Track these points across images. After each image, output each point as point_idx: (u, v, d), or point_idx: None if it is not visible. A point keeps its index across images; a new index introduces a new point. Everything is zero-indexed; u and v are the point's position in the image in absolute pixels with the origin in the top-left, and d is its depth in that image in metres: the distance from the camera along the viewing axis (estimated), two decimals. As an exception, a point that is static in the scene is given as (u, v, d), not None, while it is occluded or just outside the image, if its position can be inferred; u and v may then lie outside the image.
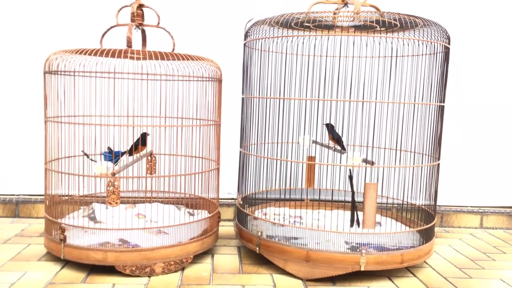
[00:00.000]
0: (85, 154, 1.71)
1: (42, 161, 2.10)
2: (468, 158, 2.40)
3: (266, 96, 1.87)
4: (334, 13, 1.67)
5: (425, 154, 1.80)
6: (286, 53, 1.98)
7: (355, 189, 1.88)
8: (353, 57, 1.81)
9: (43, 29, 2.24)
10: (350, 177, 1.83)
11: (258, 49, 1.84)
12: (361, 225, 1.78)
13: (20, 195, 2.31)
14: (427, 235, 1.75)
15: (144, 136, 1.82)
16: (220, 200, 2.23)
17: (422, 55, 1.79)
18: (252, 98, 1.85)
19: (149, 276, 1.61)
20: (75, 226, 1.69)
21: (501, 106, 2.39)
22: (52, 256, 1.73)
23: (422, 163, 1.81)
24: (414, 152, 1.84)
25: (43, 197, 2.25)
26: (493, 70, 2.36)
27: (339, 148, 1.91)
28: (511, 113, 2.39)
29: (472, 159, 2.40)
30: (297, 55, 1.97)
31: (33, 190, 2.30)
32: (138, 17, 1.75)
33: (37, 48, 2.22)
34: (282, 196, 2.17)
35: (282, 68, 1.96)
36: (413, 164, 1.83)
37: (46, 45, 2.21)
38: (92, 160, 1.72)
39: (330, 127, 1.91)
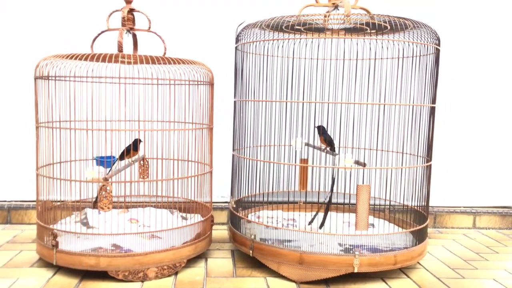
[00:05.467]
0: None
1: (34, 167, 2.09)
2: (461, 158, 2.41)
3: (259, 99, 1.87)
4: (325, 16, 1.67)
5: (417, 155, 1.81)
6: (278, 56, 1.99)
7: (346, 190, 1.88)
8: (344, 59, 1.82)
9: (33, 34, 2.23)
10: (333, 180, 1.83)
11: (249, 52, 1.84)
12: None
13: (12, 201, 2.30)
14: (420, 236, 1.76)
15: (136, 142, 1.82)
16: (213, 204, 2.22)
17: (413, 56, 1.80)
18: (245, 101, 1.86)
19: (142, 281, 1.60)
20: (68, 232, 1.68)
21: (494, 107, 2.40)
22: (45, 262, 1.72)
23: (414, 164, 1.81)
24: (407, 153, 1.84)
25: (35, 203, 2.24)
26: (484, 72, 2.38)
27: (330, 150, 1.91)
28: (503, 114, 2.41)
29: (465, 159, 2.42)
30: (288, 57, 1.97)
31: (25, 196, 2.29)
32: (129, 21, 1.75)
33: (27, 53, 2.21)
34: (275, 199, 2.17)
35: (273, 71, 1.97)
36: (405, 165, 1.84)
37: (36, 50, 2.20)
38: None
39: (321, 130, 1.91)
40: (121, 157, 1.82)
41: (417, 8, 2.31)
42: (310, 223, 1.84)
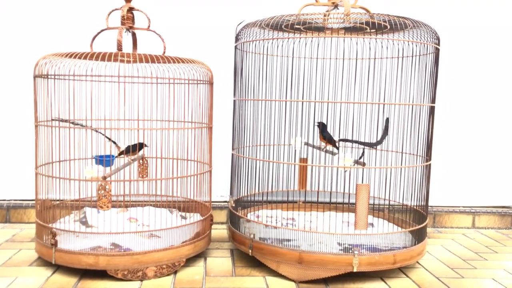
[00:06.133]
0: (61, 120, 1.66)
1: (33, 166, 2.09)
2: (460, 158, 2.42)
3: (258, 98, 1.87)
4: (325, 15, 1.67)
5: (417, 155, 1.81)
6: (277, 55, 1.99)
7: (346, 190, 1.88)
8: (343, 58, 1.82)
9: (32, 32, 2.23)
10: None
11: (249, 52, 1.84)
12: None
13: (11, 200, 2.30)
14: (419, 236, 1.76)
15: (141, 145, 1.82)
16: (212, 203, 2.22)
17: (413, 56, 1.80)
18: (244, 101, 1.85)
19: (141, 280, 1.60)
20: (67, 231, 1.68)
21: (493, 106, 2.40)
22: (44, 261, 1.72)
23: (413, 164, 1.81)
24: (406, 153, 1.84)
25: (34, 202, 2.24)
26: (484, 72, 2.38)
27: (330, 149, 1.91)
28: (502, 113, 2.41)
29: (464, 159, 2.42)
30: (287, 57, 1.97)
31: (24, 195, 2.29)
32: (128, 20, 1.75)
33: (26, 52, 2.21)
34: (275, 198, 2.17)
35: (273, 70, 1.97)
36: (405, 164, 1.84)
37: (36, 48, 2.20)
38: (71, 122, 1.66)
39: (321, 127, 1.91)
40: (122, 153, 1.81)
41: (417, 7, 2.31)
42: (359, 158, 1.84)
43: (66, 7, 2.23)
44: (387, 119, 1.83)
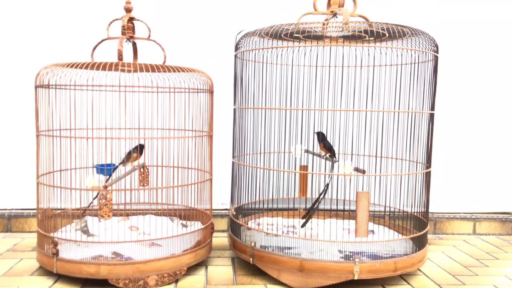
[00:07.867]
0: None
1: (34, 175, 2.09)
2: (460, 165, 2.42)
3: (258, 106, 1.88)
4: (324, 24, 1.68)
5: (417, 162, 1.82)
6: (277, 64, 2.00)
7: (346, 197, 1.88)
8: (342, 66, 1.82)
9: (34, 43, 2.24)
10: (327, 185, 1.84)
11: (248, 60, 1.85)
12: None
13: (12, 209, 2.30)
14: (420, 243, 1.76)
15: (141, 147, 1.83)
16: (213, 211, 2.23)
17: (412, 63, 1.80)
18: (244, 109, 1.86)
19: (143, 289, 1.60)
20: (68, 240, 1.68)
21: (493, 113, 2.41)
22: (45, 271, 1.72)
23: (413, 171, 1.82)
24: (406, 160, 1.85)
25: (35, 211, 2.24)
26: (483, 78, 2.39)
27: (330, 157, 1.92)
28: (502, 120, 2.42)
29: (464, 166, 2.42)
30: (287, 65, 1.98)
31: (26, 204, 2.29)
32: (129, 30, 1.76)
33: (28, 62, 2.22)
34: (275, 206, 2.17)
35: (273, 78, 1.98)
36: (405, 172, 1.84)
37: (37, 58, 2.21)
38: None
39: (321, 136, 1.92)
40: (124, 161, 1.82)
41: (416, 16, 2.32)
42: (303, 225, 1.85)
43: (67, 17, 2.24)
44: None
